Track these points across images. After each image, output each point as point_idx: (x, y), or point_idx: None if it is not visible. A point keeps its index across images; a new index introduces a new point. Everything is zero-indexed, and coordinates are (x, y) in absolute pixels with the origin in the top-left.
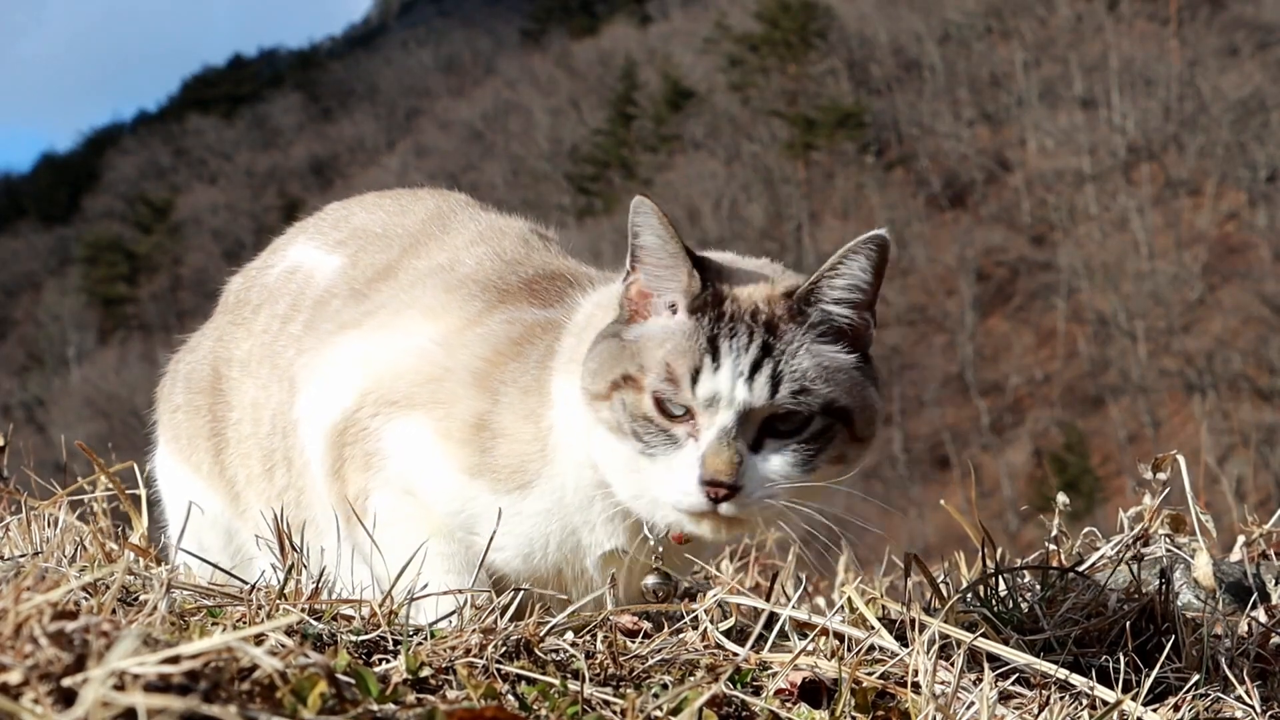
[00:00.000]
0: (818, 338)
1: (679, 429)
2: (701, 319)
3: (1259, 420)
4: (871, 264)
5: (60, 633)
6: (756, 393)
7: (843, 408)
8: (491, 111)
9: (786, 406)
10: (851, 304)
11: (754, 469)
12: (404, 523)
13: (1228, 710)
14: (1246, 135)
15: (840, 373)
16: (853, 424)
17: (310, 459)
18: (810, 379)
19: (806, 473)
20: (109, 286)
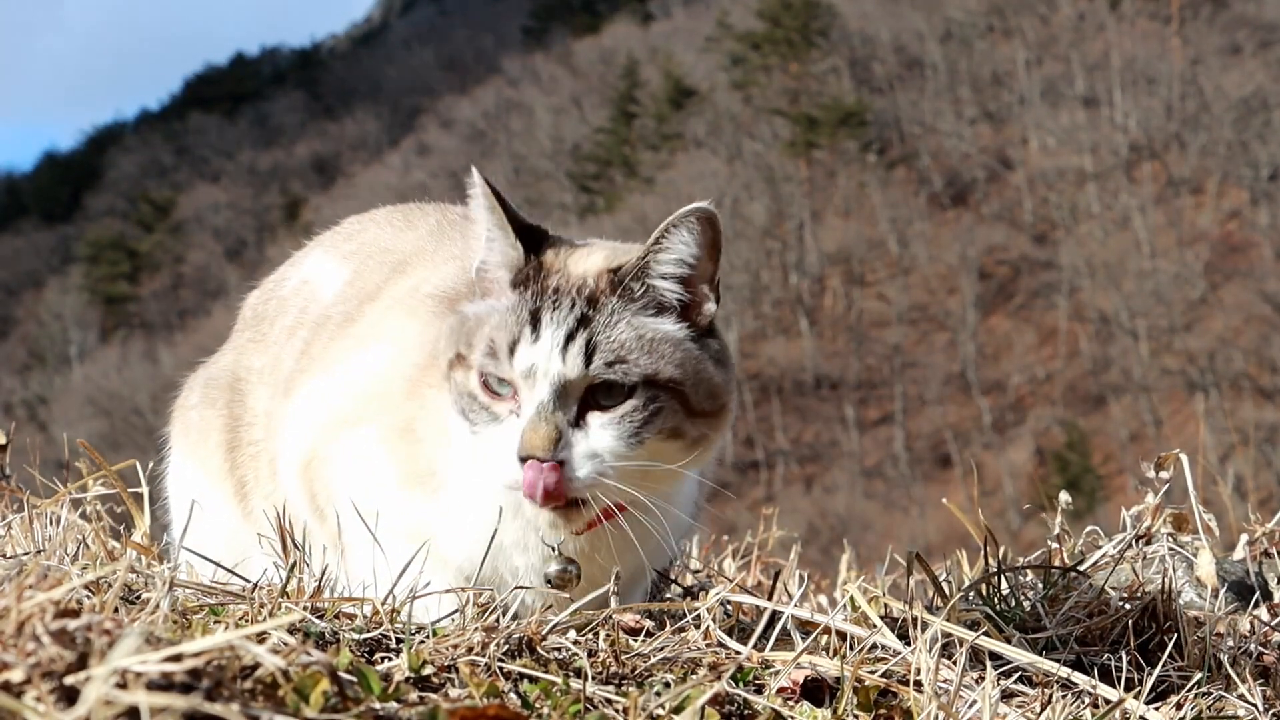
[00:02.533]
0: (641, 310)
1: (501, 406)
2: (525, 292)
3: (1260, 419)
4: (696, 237)
5: (62, 631)
6: (570, 363)
7: (669, 379)
8: (493, 110)
9: (603, 377)
10: (679, 279)
11: (576, 443)
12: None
13: (1230, 709)
14: (1248, 134)
15: (665, 344)
16: (685, 397)
17: (290, 498)
18: (628, 350)
19: (634, 446)
20: (111, 285)
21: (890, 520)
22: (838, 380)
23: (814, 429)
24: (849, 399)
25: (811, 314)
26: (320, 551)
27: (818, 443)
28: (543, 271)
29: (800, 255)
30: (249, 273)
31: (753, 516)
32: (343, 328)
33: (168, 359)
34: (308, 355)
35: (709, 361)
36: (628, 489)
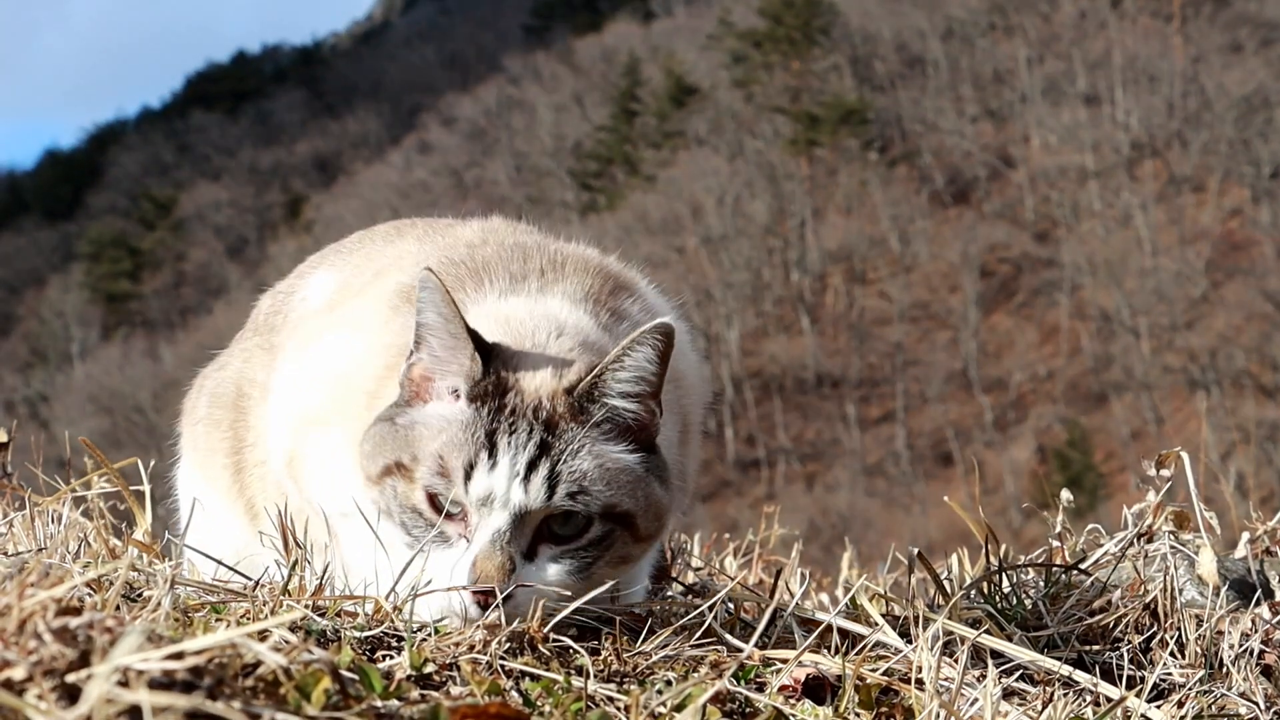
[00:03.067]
0: (600, 437)
1: (451, 528)
2: (481, 409)
3: (1262, 417)
4: (657, 353)
5: (64, 629)
6: (533, 494)
7: (625, 512)
8: (495, 108)
9: (564, 508)
10: (636, 396)
11: (525, 575)
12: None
13: (1231, 707)
14: (1250, 132)
15: (623, 474)
16: (634, 527)
17: (289, 494)
18: (590, 480)
19: (583, 579)
20: (112, 283)
21: (892, 518)
22: (839, 378)
23: (815, 427)
24: (850, 397)
25: (813, 312)
26: (322, 549)
27: (819, 441)
28: (500, 388)
29: (802, 253)
30: (250, 271)
31: (754, 514)
32: (319, 316)
33: (169, 357)
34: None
35: (656, 484)
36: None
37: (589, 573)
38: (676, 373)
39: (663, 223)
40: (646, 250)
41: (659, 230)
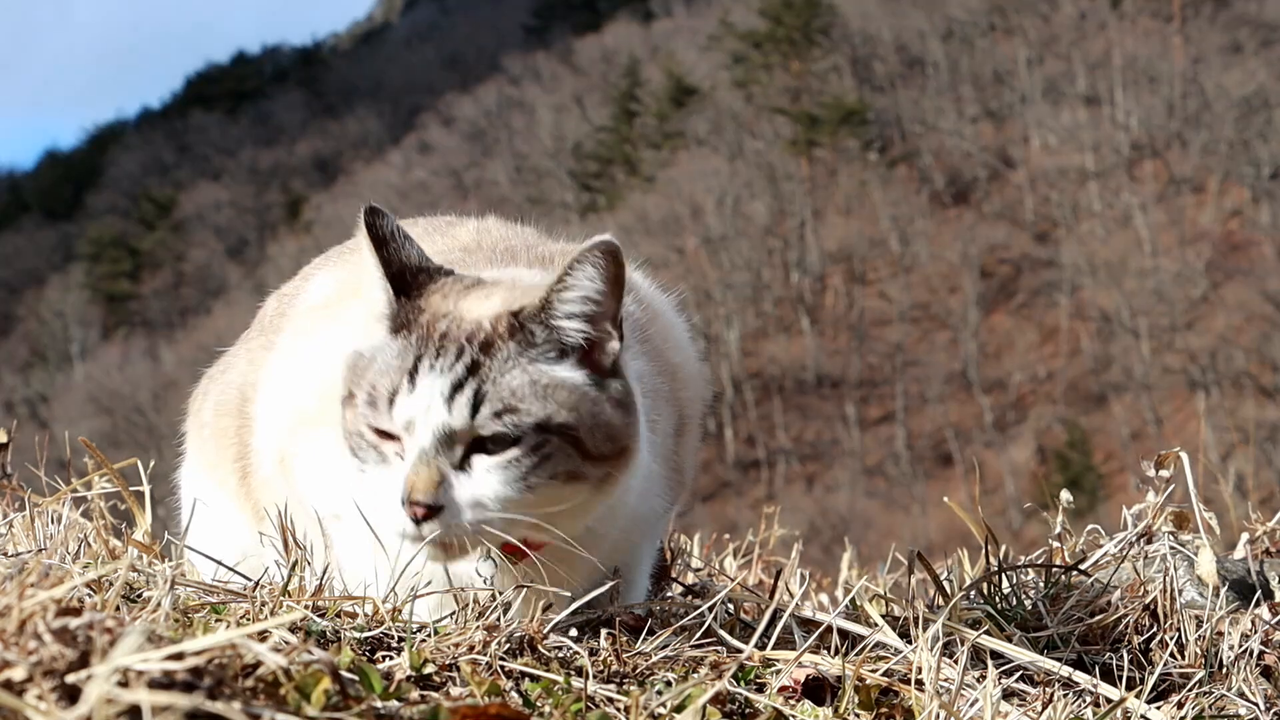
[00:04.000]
0: (541, 356)
1: (389, 447)
2: (410, 338)
3: (1261, 417)
4: (601, 273)
5: (64, 629)
6: (455, 415)
7: (562, 424)
8: (495, 108)
9: (490, 426)
10: (583, 317)
11: (459, 488)
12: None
13: (1231, 708)
14: (1250, 132)
15: (561, 390)
16: (579, 441)
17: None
18: (519, 398)
19: (523, 492)
20: (112, 283)
21: (891, 519)
22: (839, 379)
23: (815, 427)
24: (850, 397)
25: (813, 312)
26: (322, 550)
27: (819, 441)
28: (425, 315)
29: (801, 254)
30: (250, 271)
31: (754, 515)
32: (315, 312)
33: (169, 357)
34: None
35: (607, 404)
36: (526, 532)
37: (526, 484)
38: (672, 365)
39: (662, 223)
40: (646, 251)
41: (659, 231)
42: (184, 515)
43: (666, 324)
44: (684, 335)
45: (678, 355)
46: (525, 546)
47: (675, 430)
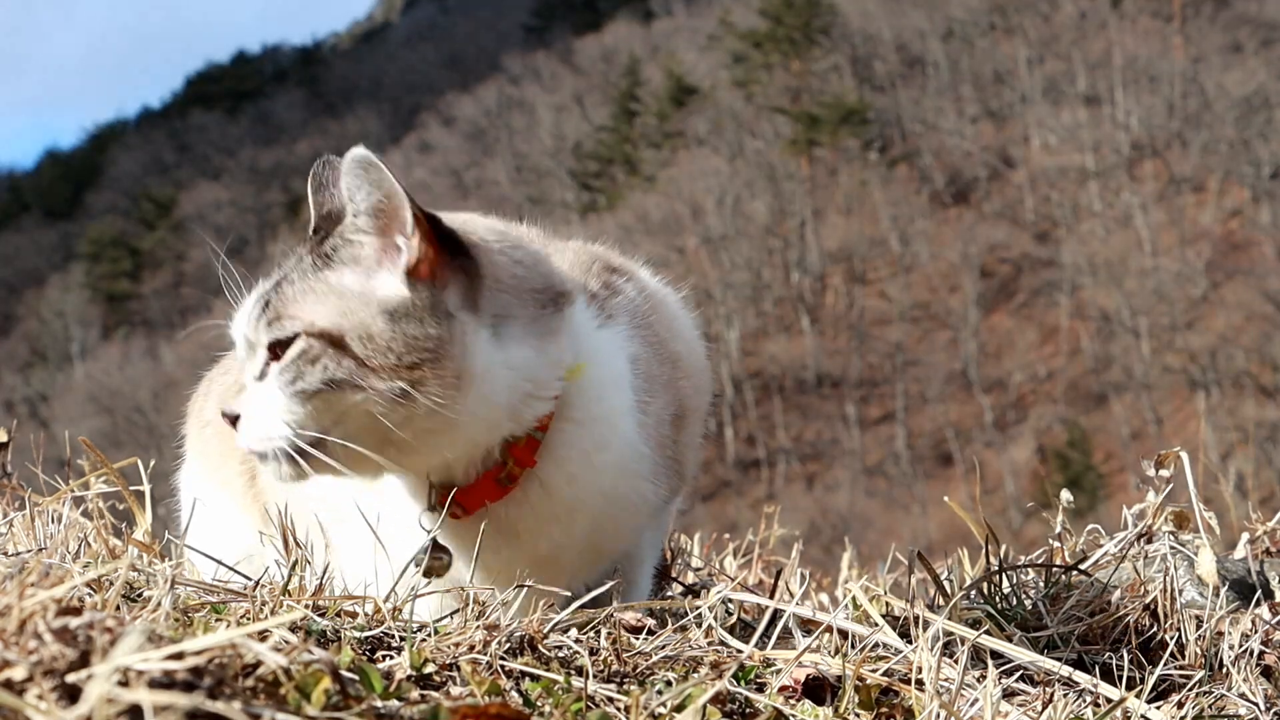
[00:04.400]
0: (326, 267)
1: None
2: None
3: (1262, 417)
4: (364, 183)
5: (64, 629)
6: (251, 325)
7: (323, 330)
8: (495, 108)
9: (267, 336)
10: (363, 230)
11: (252, 395)
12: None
13: (1231, 708)
14: (1250, 132)
15: (332, 296)
16: (344, 347)
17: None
18: (293, 303)
19: (297, 397)
20: (112, 283)
21: (892, 518)
22: (839, 378)
23: (815, 427)
24: (850, 397)
25: (813, 312)
26: (322, 549)
27: (819, 441)
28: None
29: (802, 253)
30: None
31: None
32: None
33: (169, 357)
34: None
35: (381, 316)
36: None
37: (295, 388)
38: (673, 353)
39: (663, 223)
40: (646, 250)
41: (659, 230)
42: (184, 516)
43: (670, 314)
44: (689, 328)
45: (680, 345)
46: (464, 507)
47: (674, 418)
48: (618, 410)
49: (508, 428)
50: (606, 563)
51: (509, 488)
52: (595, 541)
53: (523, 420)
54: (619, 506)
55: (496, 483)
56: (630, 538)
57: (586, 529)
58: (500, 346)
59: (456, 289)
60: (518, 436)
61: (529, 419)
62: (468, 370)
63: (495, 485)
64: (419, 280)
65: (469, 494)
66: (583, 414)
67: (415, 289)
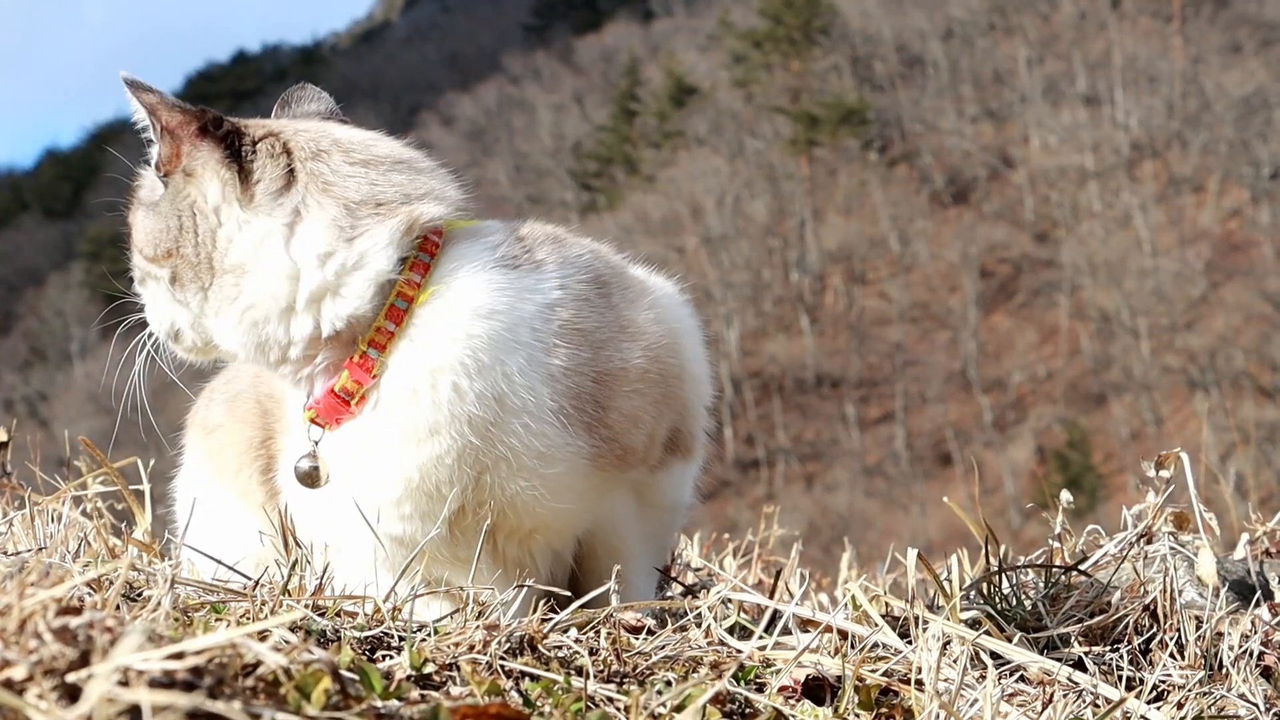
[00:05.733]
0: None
1: None
2: None
3: (1261, 418)
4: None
5: (64, 628)
6: None
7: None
8: (495, 107)
9: None
10: (149, 140)
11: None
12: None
13: (1231, 708)
14: (1249, 133)
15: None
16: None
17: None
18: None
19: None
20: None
21: (891, 519)
22: (839, 378)
23: (815, 427)
24: (850, 397)
25: (812, 312)
26: (322, 549)
27: (819, 441)
28: None
29: (801, 253)
30: None
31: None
32: None
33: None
34: None
35: (141, 209)
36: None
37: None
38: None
39: (662, 223)
40: (646, 250)
41: (659, 230)
42: (180, 518)
43: (640, 292)
44: (697, 336)
45: (639, 315)
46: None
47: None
48: (491, 340)
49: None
50: (543, 532)
51: (350, 405)
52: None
53: (320, 315)
54: (504, 443)
55: (339, 395)
56: (551, 495)
57: (459, 458)
58: (287, 240)
59: (217, 184)
60: (339, 336)
61: (328, 316)
62: (216, 252)
63: (339, 398)
64: (175, 184)
65: (320, 407)
66: (427, 336)
67: (166, 176)
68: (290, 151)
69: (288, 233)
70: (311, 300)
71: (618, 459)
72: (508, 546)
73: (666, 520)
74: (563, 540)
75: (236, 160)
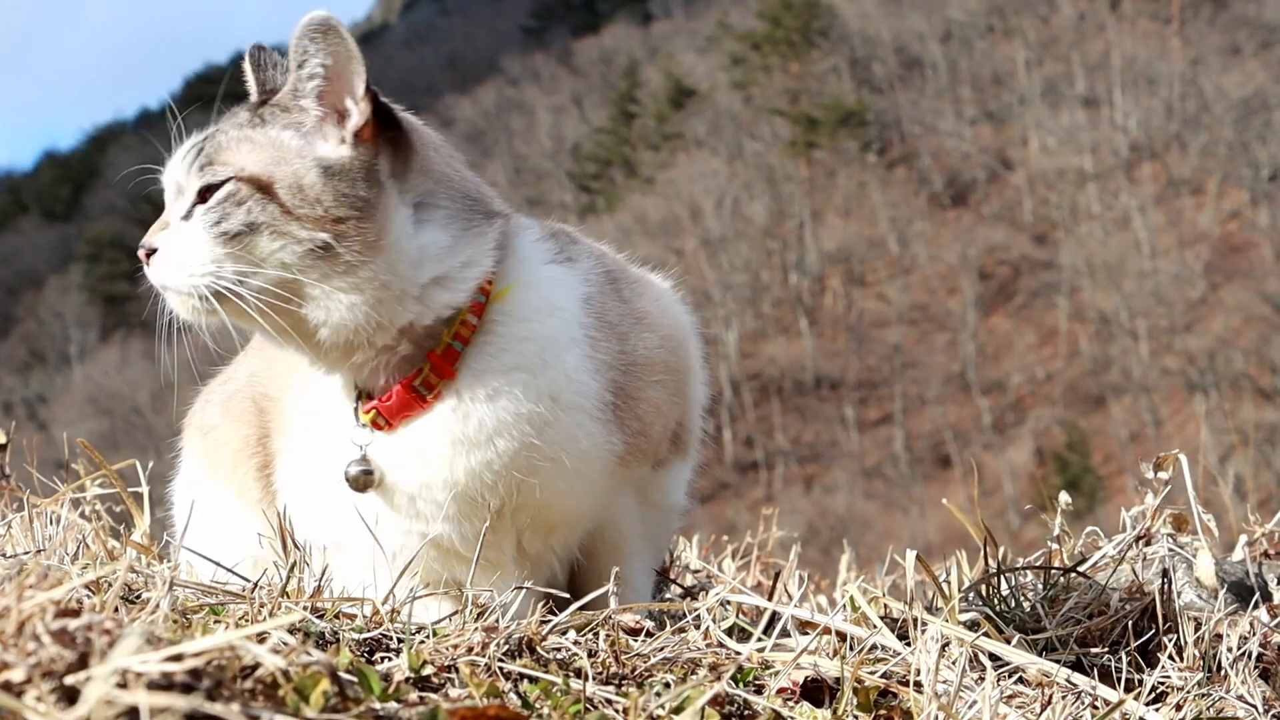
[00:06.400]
0: (265, 123)
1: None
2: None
3: (1260, 419)
4: (320, 48)
5: (63, 631)
6: (182, 168)
7: (252, 175)
8: (493, 109)
9: (204, 180)
10: (318, 95)
11: (174, 233)
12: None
13: (1229, 710)
14: (1248, 134)
15: (268, 148)
16: (274, 194)
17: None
18: (224, 150)
19: (218, 237)
20: (111, 284)
21: (890, 520)
22: (838, 380)
23: (814, 429)
24: (849, 399)
25: (811, 314)
26: (321, 551)
27: (818, 443)
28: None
29: (800, 255)
30: None
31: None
32: None
33: (168, 359)
34: None
35: (315, 169)
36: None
37: (220, 229)
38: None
39: (661, 224)
40: (645, 252)
41: (658, 232)
42: (179, 521)
43: (643, 283)
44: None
45: (649, 305)
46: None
47: (629, 366)
48: (553, 337)
49: (414, 309)
50: (564, 529)
51: (427, 400)
52: (530, 482)
53: (429, 305)
54: (552, 439)
55: (413, 390)
56: (580, 494)
57: (512, 460)
58: (418, 225)
59: (387, 160)
60: (427, 329)
61: (436, 306)
62: (386, 235)
63: (412, 394)
64: (361, 142)
65: (388, 403)
66: (507, 332)
67: (356, 149)
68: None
69: (419, 217)
70: (427, 288)
71: (642, 453)
72: (529, 546)
73: (664, 521)
74: (577, 538)
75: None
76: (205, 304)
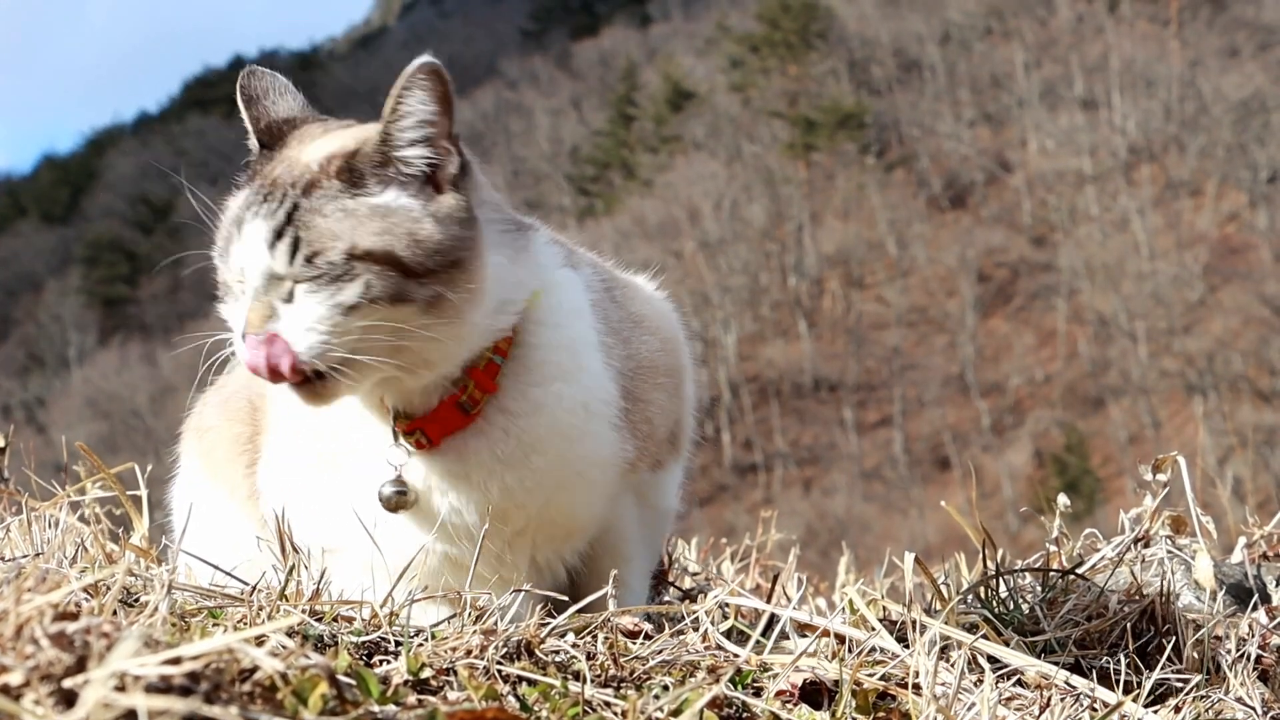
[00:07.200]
0: (364, 191)
1: (239, 287)
2: (252, 185)
3: (1259, 421)
4: (428, 93)
5: (61, 634)
6: (277, 260)
7: (368, 250)
8: (492, 112)
9: (306, 275)
10: (426, 141)
11: (285, 318)
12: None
13: (1228, 712)
14: (1247, 136)
15: (375, 218)
16: (396, 260)
17: None
18: (331, 236)
19: (345, 312)
20: (109, 287)
21: (889, 523)
22: (836, 382)
23: (813, 431)
24: (848, 401)
25: (810, 316)
26: (319, 554)
27: (816, 445)
28: (272, 163)
29: (799, 257)
30: None
31: (751, 519)
32: None
33: (166, 362)
34: None
35: (429, 220)
36: (373, 359)
37: (342, 306)
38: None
39: (660, 227)
40: (644, 254)
41: (656, 234)
42: (177, 524)
43: (632, 286)
44: (658, 300)
45: (644, 308)
46: (428, 437)
47: (636, 369)
48: (580, 342)
49: (487, 338)
50: (576, 538)
51: (471, 416)
52: (556, 497)
53: (493, 329)
54: (581, 450)
55: (459, 408)
56: (597, 503)
57: (544, 475)
58: (491, 251)
59: (468, 194)
60: (480, 355)
61: (497, 329)
62: (483, 271)
63: (458, 411)
64: (460, 184)
65: (433, 422)
66: (541, 340)
67: (463, 192)
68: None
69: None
70: (493, 314)
71: (647, 456)
72: (540, 556)
73: (660, 523)
74: (582, 544)
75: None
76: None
